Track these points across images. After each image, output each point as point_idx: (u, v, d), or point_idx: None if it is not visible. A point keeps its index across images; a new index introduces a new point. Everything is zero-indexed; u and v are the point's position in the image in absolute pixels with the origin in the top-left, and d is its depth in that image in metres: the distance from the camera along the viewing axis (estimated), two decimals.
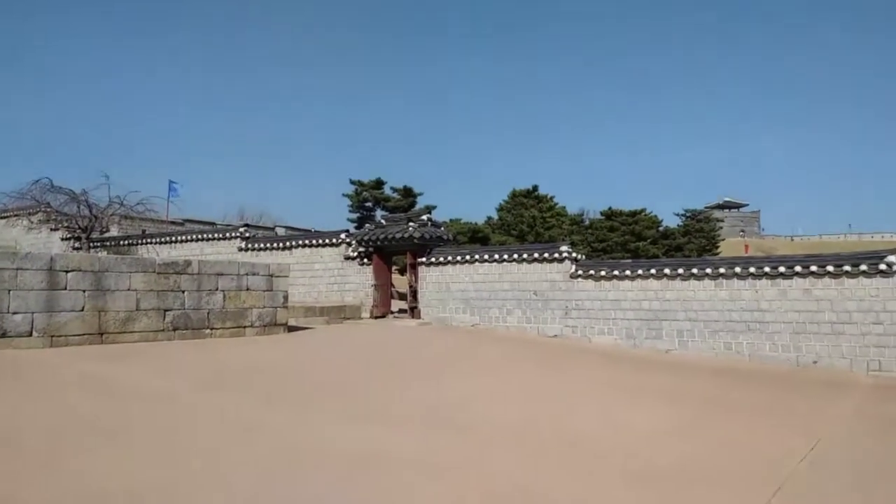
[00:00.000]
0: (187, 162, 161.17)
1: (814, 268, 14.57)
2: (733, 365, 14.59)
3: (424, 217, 20.92)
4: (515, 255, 18.70)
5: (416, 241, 19.93)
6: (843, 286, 14.22)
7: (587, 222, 59.04)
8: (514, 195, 50.34)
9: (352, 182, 50.72)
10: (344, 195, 51.22)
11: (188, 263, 13.79)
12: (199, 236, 25.70)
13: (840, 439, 8.30)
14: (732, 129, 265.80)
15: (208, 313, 13.93)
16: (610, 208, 56.02)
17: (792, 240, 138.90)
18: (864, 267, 14.03)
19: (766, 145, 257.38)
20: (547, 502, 5.50)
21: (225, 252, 24.03)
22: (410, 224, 20.27)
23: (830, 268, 14.36)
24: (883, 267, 13.81)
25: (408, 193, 48.89)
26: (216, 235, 25.29)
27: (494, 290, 18.92)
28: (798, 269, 14.76)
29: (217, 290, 14.12)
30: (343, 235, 22.35)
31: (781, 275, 14.90)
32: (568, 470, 6.42)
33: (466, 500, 5.36)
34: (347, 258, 21.95)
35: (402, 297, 23.56)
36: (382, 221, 21.96)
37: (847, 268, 14.20)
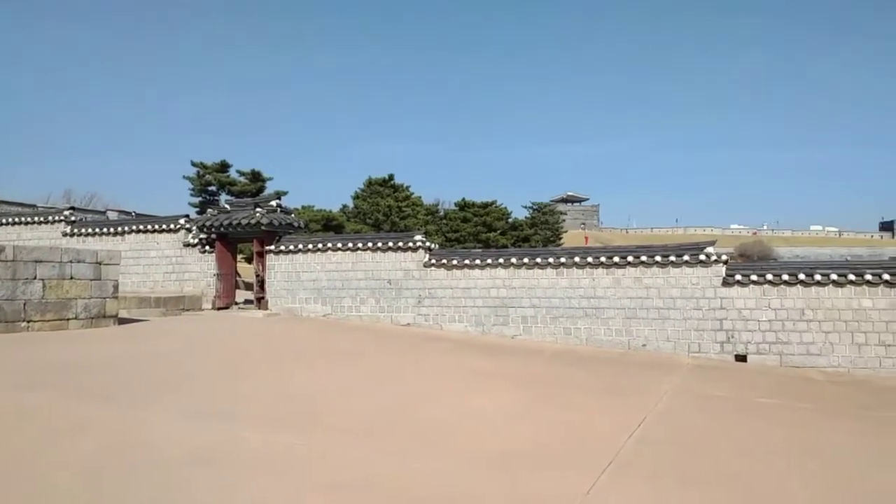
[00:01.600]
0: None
1: (644, 258, 15.75)
2: (572, 349, 15.44)
3: (273, 203, 20.10)
4: (370, 244, 18.50)
5: (264, 227, 19.10)
6: (669, 275, 15.52)
7: (442, 213, 60.12)
8: (371, 183, 49.98)
9: (193, 164, 47.36)
10: (185, 178, 47.70)
11: (1, 249, 12.22)
12: (16, 220, 22.94)
13: (664, 415, 8.99)
14: (579, 130, 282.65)
15: (25, 304, 12.44)
16: (463, 200, 57.39)
17: (627, 232, 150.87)
18: (686, 258, 15.38)
19: (608, 146, 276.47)
20: (395, 490, 5.41)
21: (47, 237, 21.65)
22: (258, 210, 19.38)
23: (658, 258, 15.59)
24: (702, 258, 15.22)
25: (256, 178, 46.74)
26: (37, 219, 22.69)
27: (348, 280, 18.61)
28: (630, 259, 15.88)
29: (35, 278, 12.65)
30: (182, 221, 20.90)
31: (615, 264, 15.96)
32: (418, 457, 6.38)
33: (308, 495, 5.13)
34: (187, 245, 20.57)
35: (248, 287, 22.53)
36: (227, 206, 20.80)
37: (672, 258, 15.49)
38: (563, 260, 16.54)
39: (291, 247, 19.26)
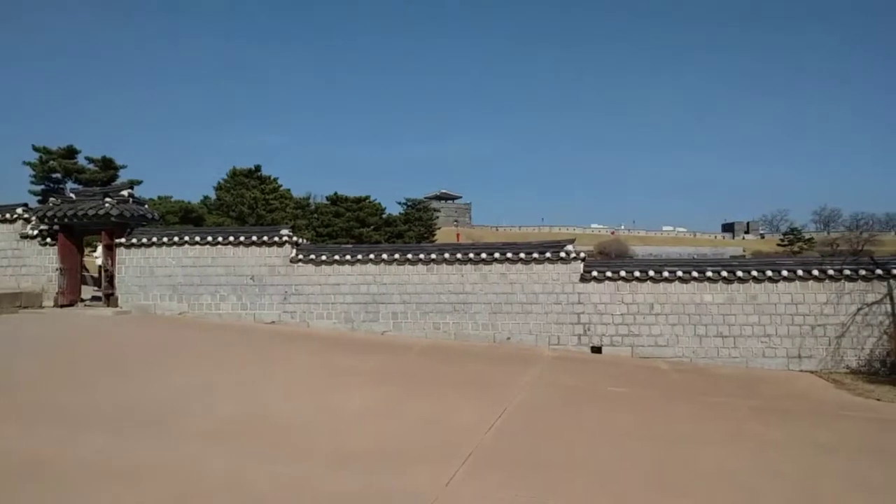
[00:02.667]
0: None
1: (509, 255, 16.23)
2: (441, 343, 15.61)
3: (125, 192, 18.65)
4: (231, 238, 17.67)
5: (113, 219, 17.68)
6: (532, 271, 16.09)
7: (313, 207, 58.84)
8: (235, 174, 47.92)
9: (36, 149, 43.15)
10: (25, 163, 43.34)
11: None
12: None
13: (523, 406, 9.28)
14: (452, 129, 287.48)
15: None
16: (336, 194, 56.56)
17: (497, 230, 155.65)
18: (548, 255, 16.02)
19: (479, 145, 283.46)
20: (247, 496, 5.15)
21: None
22: (107, 199, 17.91)
23: (522, 255, 16.13)
24: (563, 255, 15.92)
25: (108, 165, 43.32)
26: None
27: (207, 275, 17.66)
28: (497, 255, 16.30)
29: None
30: (20, 210, 18.91)
31: (483, 261, 16.33)
32: (274, 459, 6.13)
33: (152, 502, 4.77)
34: (25, 237, 18.65)
35: (97, 282, 20.80)
36: (72, 196, 19.06)
37: (535, 255, 16.08)
38: (433, 256, 16.67)
39: (144, 240, 17.99)
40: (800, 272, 14.94)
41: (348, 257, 17.08)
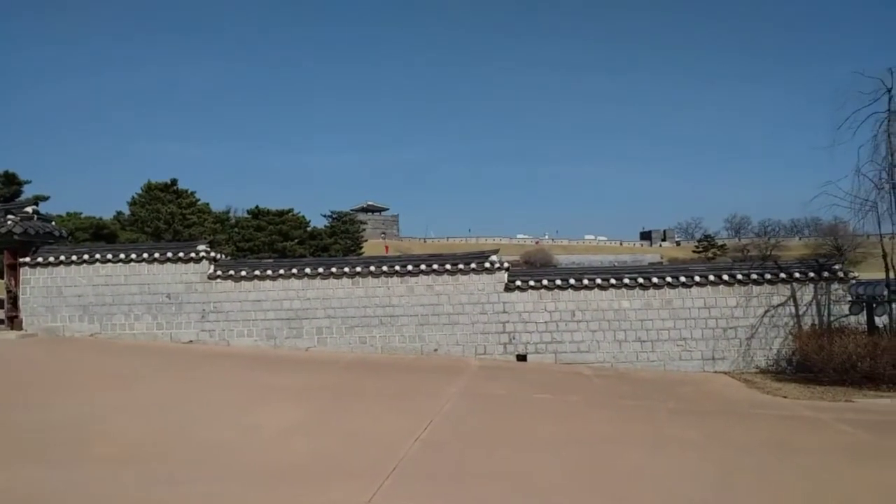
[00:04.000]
0: None
1: (435, 266, 16.27)
2: (367, 357, 15.44)
3: (29, 209, 17.58)
4: (146, 255, 16.93)
5: (16, 237, 16.61)
6: (458, 282, 16.18)
7: (233, 221, 57.30)
8: (150, 188, 46.07)
9: None
10: None
11: None
12: None
13: (449, 416, 9.28)
14: (380, 139, 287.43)
15: None
16: (257, 207, 55.29)
17: (425, 241, 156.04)
18: (473, 265, 16.16)
19: (404, 156, 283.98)
20: None
21: None
22: (10, 217, 16.84)
23: (448, 266, 16.20)
24: (487, 265, 16.09)
25: (10, 181, 40.73)
26: None
27: (120, 294, 16.83)
28: (423, 267, 16.31)
29: None
30: None
31: (409, 272, 16.30)
32: (190, 481, 5.87)
33: None
34: None
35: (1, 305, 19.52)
36: None
37: (461, 266, 16.18)
38: (358, 269, 16.50)
39: (52, 258, 17.00)
40: (711, 277, 15.64)
41: (269, 272, 16.68)
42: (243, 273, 16.72)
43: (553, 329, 15.81)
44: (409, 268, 16.33)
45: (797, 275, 15.46)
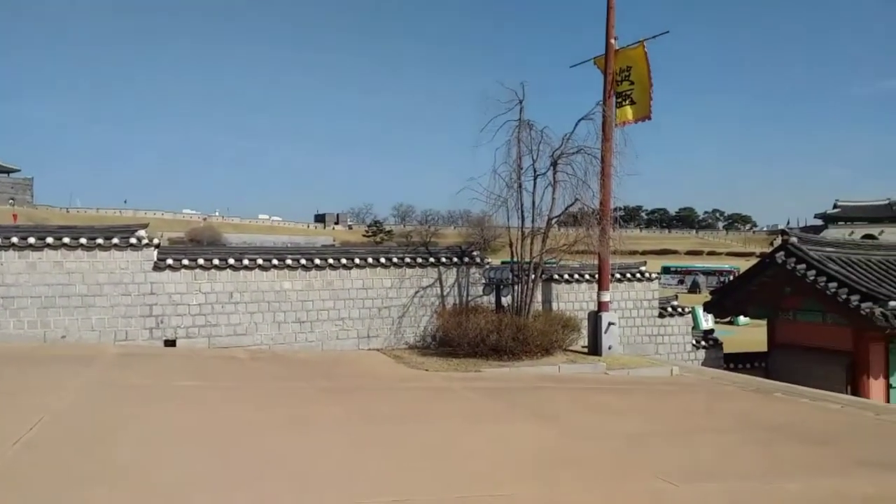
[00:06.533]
0: None
1: (67, 240, 13.92)
2: None
3: None
4: None
5: None
6: (96, 259, 14.11)
7: None
8: None
9: None
10: None
11: None
12: None
13: (68, 412, 7.95)
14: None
15: None
16: None
17: (68, 211, 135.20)
18: (116, 240, 14.26)
19: (35, 111, 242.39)
20: None
21: None
22: None
23: (84, 240, 14.02)
24: (133, 241, 14.35)
25: None
26: None
27: None
28: (50, 240, 13.83)
29: None
30: None
31: (31, 246, 13.69)
32: None
33: None
34: None
35: None
36: None
37: (100, 241, 14.14)
38: None
39: None
40: (370, 260, 16.33)
41: None
42: None
43: (208, 312, 14.86)
44: (32, 240, 13.74)
45: (444, 259, 17.02)
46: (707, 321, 29.76)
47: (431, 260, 16.88)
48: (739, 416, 10.60)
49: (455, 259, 17.06)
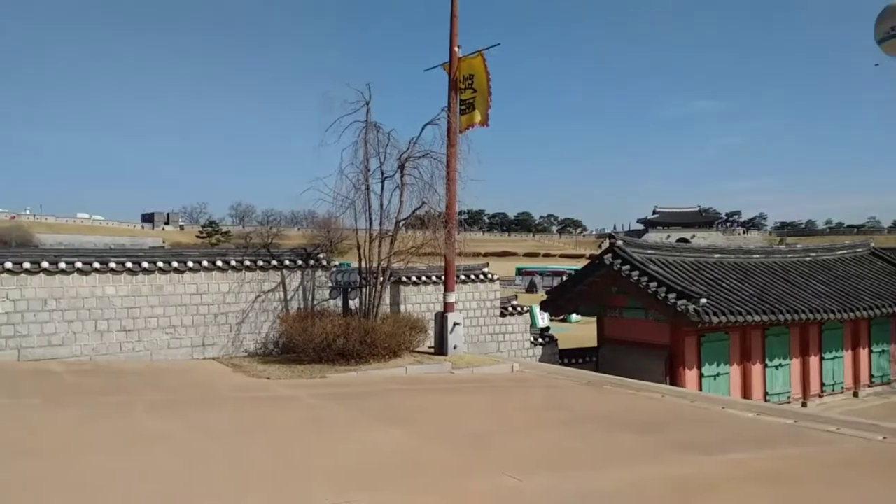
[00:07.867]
0: None
1: None
2: None
3: None
4: None
5: None
6: None
7: None
8: None
9: None
10: None
11: None
12: None
13: None
14: None
15: None
16: None
17: None
18: None
19: None
20: None
21: None
22: None
23: None
24: None
25: None
26: None
27: None
28: None
29: None
30: None
31: None
32: None
33: None
34: None
35: None
36: None
37: None
38: None
39: None
40: (205, 263, 15.34)
41: None
42: None
43: (17, 321, 13.21)
44: None
45: (287, 262, 16.43)
46: (543, 319, 31.51)
47: (274, 263, 16.23)
48: (574, 410, 11.24)
49: (300, 262, 16.54)
